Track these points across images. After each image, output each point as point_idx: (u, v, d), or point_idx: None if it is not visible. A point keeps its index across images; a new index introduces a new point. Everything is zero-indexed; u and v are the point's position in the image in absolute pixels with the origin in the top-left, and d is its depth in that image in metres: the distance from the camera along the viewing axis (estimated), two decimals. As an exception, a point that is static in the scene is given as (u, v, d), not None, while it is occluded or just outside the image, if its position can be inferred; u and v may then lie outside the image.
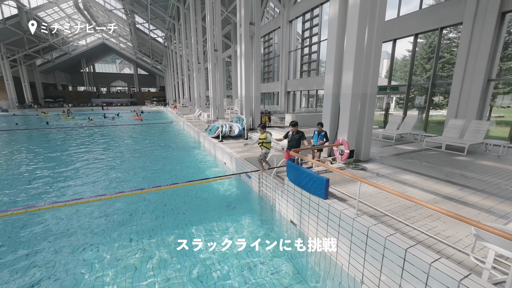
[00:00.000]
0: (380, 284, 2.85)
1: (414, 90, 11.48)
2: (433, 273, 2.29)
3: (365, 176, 4.98)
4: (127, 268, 3.60)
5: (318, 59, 17.86)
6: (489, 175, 4.94)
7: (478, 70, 8.35)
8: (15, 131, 18.31)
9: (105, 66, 63.13)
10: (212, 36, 16.67)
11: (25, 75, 40.86)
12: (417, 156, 6.53)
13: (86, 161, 9.74)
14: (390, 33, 11.47)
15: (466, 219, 2.13)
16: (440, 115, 10.71)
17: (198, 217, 5.12)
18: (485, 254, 2.49)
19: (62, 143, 13.74)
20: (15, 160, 9.93)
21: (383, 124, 12.75)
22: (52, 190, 6.69)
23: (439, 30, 9.85)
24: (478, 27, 8.28)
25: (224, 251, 3.97)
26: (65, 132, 17.87)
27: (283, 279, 3.38)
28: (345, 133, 5.75)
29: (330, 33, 5.99)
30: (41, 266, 3.67)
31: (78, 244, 4.20)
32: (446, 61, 10.18)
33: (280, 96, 21.93)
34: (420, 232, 2.94)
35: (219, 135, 10.54)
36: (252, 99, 12.15)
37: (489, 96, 8.56)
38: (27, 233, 4.53)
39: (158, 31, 43.35)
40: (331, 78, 6.06)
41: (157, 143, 13.64)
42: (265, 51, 24.95)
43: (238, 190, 6.58)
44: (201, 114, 20.71)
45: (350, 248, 3.26)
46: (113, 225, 4.79)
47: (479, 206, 3.56)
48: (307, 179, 3.99)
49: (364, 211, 3.43)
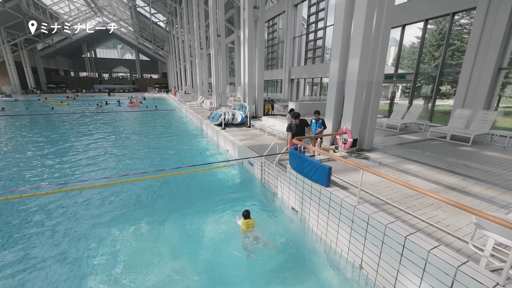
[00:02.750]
0: (378, 270, 2.93)
1: (421, 78, 11.21)
2: (432, 259, 2.33)
3: (367, 165, 4.98)
4: (129, 249, 3.72)
5: (323, 46, 17.39)
6: (493, 165, 4.91)
7: (489, 58, 8.08)
8: (25, 116, 18.45)
9: (107, 52, 62.18)
10: (215, 20, 16.22)
11: (26, 60, 40.49)
12: (421, 146, 6.48)
13: (88, 147, 9.85)
14: (400, 19, 11.05)
15: (468, 208, 2.14)
16: (446, 105, 10.51)
17: (201, 202, 5.22)
18: (484, 242, 2.52)
19: (69, 130, 13.86)
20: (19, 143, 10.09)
21: (387, 113, 12.58)
22: (45, 175, 6.81)
23: (450, 16, 9.45)
24: (492, 12, 7.92)
25: (225, 235, 4.07)
26: (69, 118, 17.96)
27: (284, 263, 3.49)
28: (349, 122, 5.70)
29: (337, 17, 5.79)
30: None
31: (86, 224, 4.34)
32: (456, 49, 9.85)
33: (284, 83, 21.60)
34: (421, 221, 2.98)
35: (221, 122, 10.52)
36: (255, 87, 12.00)
37: (499, 86, 8.34)
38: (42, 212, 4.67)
39: (159, 15, 42.25)
40: (336, 65, 5.92)
41: (161, 130, 13.69)
42: (269, 37, 24.31)
43: (241, 177, 6.65)
44: (203, 101, 20.57)
45: (350, 234, 3.32)
46: (118, 208, 4.92)
47: (481, 196, 3.57)
48: (309, 167, 4.01)
49: (366, 199, 3.46)
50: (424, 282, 2.41)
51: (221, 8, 15.44)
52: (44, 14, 35.05)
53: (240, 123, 11.04)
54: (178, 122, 16.59)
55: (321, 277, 3.24)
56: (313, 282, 3.16)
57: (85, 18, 45.99)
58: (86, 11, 44.22)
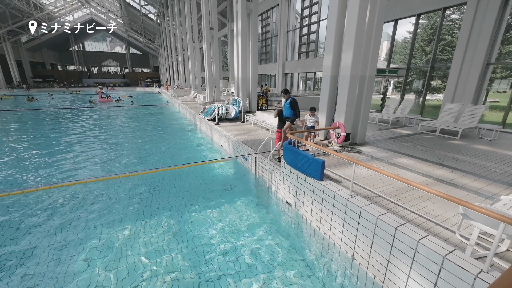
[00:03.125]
0: (370, 260, 3.02)
1: (413, 73, 11.37)
2: (420, 249, 2.42)
3: (360, 159, 5.06)
4: (118, 247, 3.71)
5: (317, 40, 17.35)
6: (480, 158, 5.07)
7: (478, 53, 8.25)
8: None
9: (95, 45, 60.29)
10: (207, 13, 15.90)
11: (10, 52, 38.84)
12: (412, 140, 6.62)
13: (78, 143, 9.63)
14: (392, 13, 11.10)
15: (455, 199, 2.21)
16: (437, 99, 10.73)
17: (195, 198, 5.22)
18: (470, 232, 2.62)
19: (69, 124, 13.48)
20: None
21: (379, 108, 12.75)
22: (39, 172, 6.67)
23: (442, 11, 9.56)
24: (482, 7, 8.05)
25: (219, 230, 4.10)
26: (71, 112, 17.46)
27: (278, 256, 3.54)
28: (342, 116, 5.75)
29: (331, 11, 5.77)
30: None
31: (82, 219, 4.28)
32: (446, 44, 10.00)
33: (278, 78, 21.53)
34: (411, 212, 3.07)
35: (215, 117, 10.44)
36: (249, 81, 11.91)
37: (487, 81, 8.55)
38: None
39: (149, 7, 41.11)
40: (330, 59, 5.94)
41: (153, 125, 13.49)
42: (263, 31, 24.08)
43: (235, 172, 6.66)
44: (196, 96, 20.32)
45: (343, 226, 3.39)
46: (109, 206, 4.86)
47: (468, 188, 3.69)
48: (303, 161, 4.05)
49: (358, 192, 3.53)
50: (413, 270, 2.50)
51: (213, 1, 15.12)
52: (28, 5, 33.57)
53: (234, 118, 10.99)
54: (170, 117, 16.37)
55: (315, 268, 3.32)
56: (307, 273, 3.24)
57: (71, 10, 44.28)
58: (73, 1, 42.54)
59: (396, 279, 2.70)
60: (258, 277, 3.15)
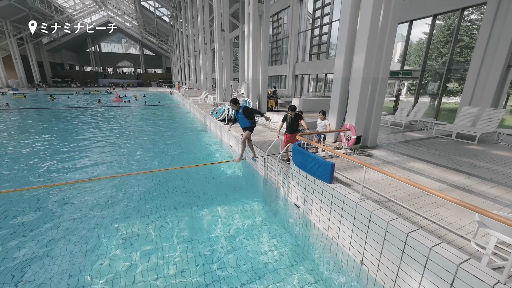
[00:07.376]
0: (379, 266, 2.95)
1: (428, 75, 11.03)
2: (433, 256, 2.34)
3: (371, 162, 4.96)
4: (134, 243, 3.80)
5: (328, 41, 17.18)
6: (499, 164, 4.85)
7: (499, 55, 7.90)
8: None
9: (111, 46, 62.30)
10: (219, 15, 16.10)
11: (32, 53, 40.82)
12: (426, 144, 6.42)
13: (88, 142, 9.97)
14: (407, 14, 10.83)
15: (471, 206, 2.13)
16: (453, 102, 10.36)
17: (204, 198, 5.28)
18: (487, 240, 2.52)
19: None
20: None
21: (392, 111, 12.45)
22: (53, 169, 6.94)
23: (460, 11, 9.24)
24: (504, 7, 7.72)
25: (228, 230, 4.12)
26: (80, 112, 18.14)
27: (286, 258, 3.53)
28: (353, 119, 5.66)
29: (343, 12, 5.71)
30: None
31: (91, 216, 4.43)
32: (464, 45, 9.65)
33: (288, 79, 21.46)
34: (423, 218, 2.98)
35: (225, 118, 10.53)
36: (259, 82, 11.94)
37: (507, 83, 8.17)
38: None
39: (163, 9, 42.08)
40: (341, 61, 5.86)
41: (165, 125, 13.77)
42: (274, 32, 24.08)
43: (244, 173, 6.69)
44: (207, 96, 20.58)
45: (352, 230, 3.33)
46: (122, 203, 5.00)
47: (485, 195, 3.54)
48: (312, 164, 4.01)
49: (368, 196, 3.46)
50: (425, 278, 2.42)
51: (226, 2, 15.29)
52: (50, 8, 35.17)
53: (244, 119, 11.01)
54: (181, 117, 16.65)
55: (323, 272, 3.28)
56: (314, 277, 3.20)
57: (89, 12, 46.06)
58: (91, 4, 44.22)
59: (406, 287, 2.63)
60: (264, 280, 3.15)
